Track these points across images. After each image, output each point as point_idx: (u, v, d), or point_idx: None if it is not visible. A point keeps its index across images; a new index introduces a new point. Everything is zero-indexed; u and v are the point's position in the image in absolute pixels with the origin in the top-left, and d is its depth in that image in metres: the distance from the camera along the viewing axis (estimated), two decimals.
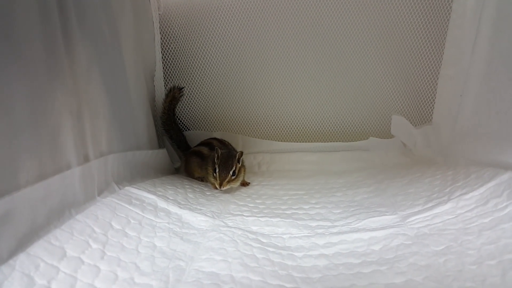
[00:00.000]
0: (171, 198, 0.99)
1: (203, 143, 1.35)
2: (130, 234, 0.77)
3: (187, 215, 0.92)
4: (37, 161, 0.67)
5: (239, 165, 1.17)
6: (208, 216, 0.93)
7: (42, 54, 0.69)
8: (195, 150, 1.34)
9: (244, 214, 0.98)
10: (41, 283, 0.57)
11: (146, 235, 0.79)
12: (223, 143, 1.33)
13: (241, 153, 1.19)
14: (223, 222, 0.91)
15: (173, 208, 0.93)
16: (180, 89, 1.39)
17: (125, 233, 0.77)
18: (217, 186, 1.12)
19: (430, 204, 0.88)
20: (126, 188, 0.94)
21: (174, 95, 1.38)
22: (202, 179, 1.29)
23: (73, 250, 0.66)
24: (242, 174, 1.20)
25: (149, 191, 0.97)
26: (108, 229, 0.76)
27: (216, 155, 1.15)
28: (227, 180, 1.11)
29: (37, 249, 0.62)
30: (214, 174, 1.13)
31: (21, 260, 0.58)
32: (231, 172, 1.12)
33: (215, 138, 1.37)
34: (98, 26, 0.91)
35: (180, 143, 1.47)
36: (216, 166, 1.12)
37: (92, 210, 0.78)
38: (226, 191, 1.19)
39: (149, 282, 0.65)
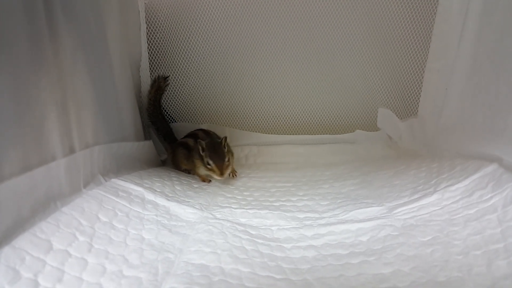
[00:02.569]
0: (158, 190, 0.98)
1: (189, 135, 1.34)
2: (117, 226, 0.76)
3: (175, 207, 0.91)
4: (22, 152, 0.66)
5: (226, 150, 1.16)
6: (196, 208, 0.93)
7: (26, 43, 0.67)
8: (181, 141, 1.32)
9: (232, 206, 0.98)
10: (27, 276, 0.56)
11: (134, 228, 0.78)
12: (208, 134, 1.31)
13: (225, 138, 1.18)
14: (212, 214, 0.91)
15: (161, 201, 0.92)
16: (165, 78, 1.38)
17: (113, 226, 0.76)
18: (216, 177, 1.10)
19: (416, 196, 0.90)
20: (113, 180, 0.93)
21: (159, 84, 1.37)
22: (189, 171, 1.28)
23: (60, 242, 0.65)
24: (231, 159, 1.20)
25: (136, 183, 0.95)
26: (95, 221, 0.74)
27: (200, 147, 1.13)
28: (224, 167, 1.11)
29: (23, 241, 0.60)
30: (209, 166, 1.11)
31: (6, 253, 0.57)
32: (225, 159, 1.12)
33: (201, 129, 1.35)
34: (83, 15, 0.89)
35: (166, 135, 1.45)
36: (208, 159, 1.10)
37: (78, 202, 0.77)
38: (212, 183, 1.19)
39: (138, 274, 0.65)
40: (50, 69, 0.74)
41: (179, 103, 1.52)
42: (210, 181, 1.19)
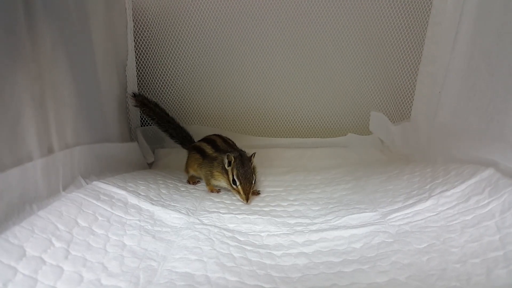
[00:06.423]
0: (142, 194, 0.94)
1: (206, 140, 1.22)
2: (97, 232, 0.72)
3: (160, 212, 0.87)
4: None
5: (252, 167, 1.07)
6: (182, 213, 0.89)
7: (1, 33, 0.63)
8: (196, 145, 1.23)
9: (220, 211, 0.94)
10: None
11: (115, 233, 0.74)
12: (227, 142, 1.20)
13: (254, 154, 1.09)
14: (198, 219, 0.87)
15: (145, 205, 0.88)
16: (132, 96, 1.30)
17: (92, 231, 0.71)
18: (241, 200, 1.01)
19: (410, 201, 0.87)
20: (94, 182, 0.88)
21: (140, 103, 1.30)
22: (195, 183, 1.20)
23: (34, 249, 0.60)
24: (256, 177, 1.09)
25: (119, 186, 0.91)
26: (73, 226, 0.70)
27: (227, 161, 1.04)
28: (251, 191, 1.02)
29: None
30: (234, 186, 1.02)
31: None
32: (253, 181, 1.03)
33: (218, 136, 1.23)
34: (65, 7, 0.85)
35: (183, 140, 1.32)
36: (235, 178, 1.01)
37: (56, 206, 0.72)
38: (200, 186, 1.15)
39: (118, 283, 0.61)
40: (27, 62, 0.69)
41: (167, 104, 1.48)
42: (219, 191, 1.11)
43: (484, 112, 0.86)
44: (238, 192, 1.02)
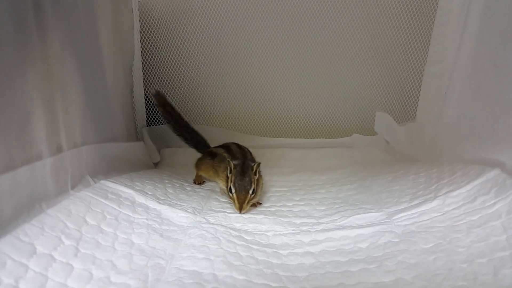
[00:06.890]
0: (149, 193, 0.95)
1: (222, 146, 1.17)
2: (106, 230, 0.73)
3: (167, 211, 0.88)
4: (4, 150, 0.62)
5: (256, 177, 0.98)
6: (189, 212, 0.89)
7: (11, 34, 0.64)
8: (211, 150, 1.19)
9: (226, 210, 0.95)
10: (7, 282, 0.52)
11: (123, 232, 0.74)
12: (241, 149, 1.13)
13: (259, 164, 1.00)
14: (205, 218, 0.88)
15: (152, 204, 0.89)
16: (155, 95, 1.25)
17: (101, 229, 0.72)
18: (234, 209, 0.95)
19: (416, 202, 0.87)
20: (102, 181, 0.89)
21: (157, 105, 1.25)
22: (200, 183, 1.19)
23: (44, 246, 0.61)
24: (260, 188, 1.01)
25: (126, 185, 0.92)
26: (82, 224, 0.71)
27: (228, 168, 0.99)
28: (246, 201, 0.94)
29: (4, 245, 0.57)
30: (230, 195, 0.96)
31: None
32: (250, 191, 0.94)
33: (235, 143, 1.18)
34: (74, 7, 0.86)
35: (198, 145, 1.28)
36: (232, 185, 0.95)
37: (65, 204, 0.73)
38: (205, 186, 1.16)
39: (127, 281, 0.61)
40: (37, 62, 0.70)
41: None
42: None
43: (490, 112, 0.87)
44: (233, 201, 0.95)
